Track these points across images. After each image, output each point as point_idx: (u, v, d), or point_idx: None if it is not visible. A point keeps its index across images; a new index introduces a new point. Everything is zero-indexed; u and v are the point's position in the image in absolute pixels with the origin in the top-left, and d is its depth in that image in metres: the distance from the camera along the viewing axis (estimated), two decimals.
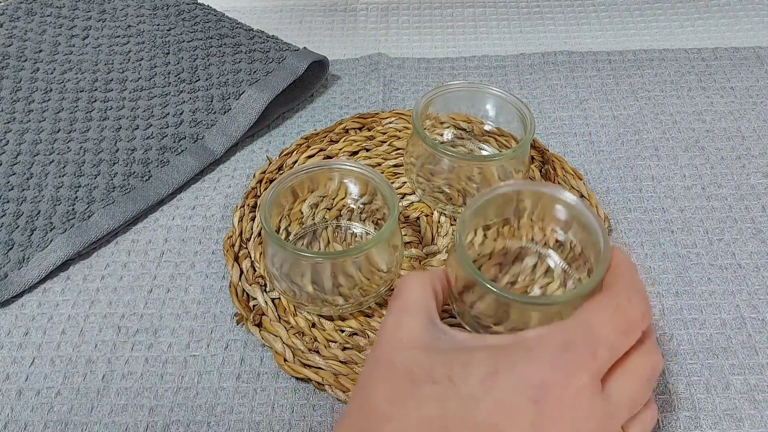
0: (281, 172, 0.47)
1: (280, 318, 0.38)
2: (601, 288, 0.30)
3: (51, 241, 0.42)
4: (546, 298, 0.34)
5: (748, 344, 0.37)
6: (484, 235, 0.42)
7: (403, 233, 0.42)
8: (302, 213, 0.42)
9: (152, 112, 0.51)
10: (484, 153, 0.47)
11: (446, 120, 0.47)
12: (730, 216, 0.44)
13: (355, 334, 0.38)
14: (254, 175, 0.47)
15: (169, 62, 0.54)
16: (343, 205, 0.42)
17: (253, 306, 0.39)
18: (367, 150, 0.49)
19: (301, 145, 0.49)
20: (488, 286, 0.31)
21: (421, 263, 0.41)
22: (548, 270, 0.40)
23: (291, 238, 0.42)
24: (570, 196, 0.34)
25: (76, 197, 0.45)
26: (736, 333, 0.37)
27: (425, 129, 0.45)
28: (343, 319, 0.38)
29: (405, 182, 0.46)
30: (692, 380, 0.36)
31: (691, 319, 0.38)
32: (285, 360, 0.36)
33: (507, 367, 0.26)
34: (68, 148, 0.48)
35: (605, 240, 0.31)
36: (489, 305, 0.34)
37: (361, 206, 0.42)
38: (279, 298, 0.39)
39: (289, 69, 0.52)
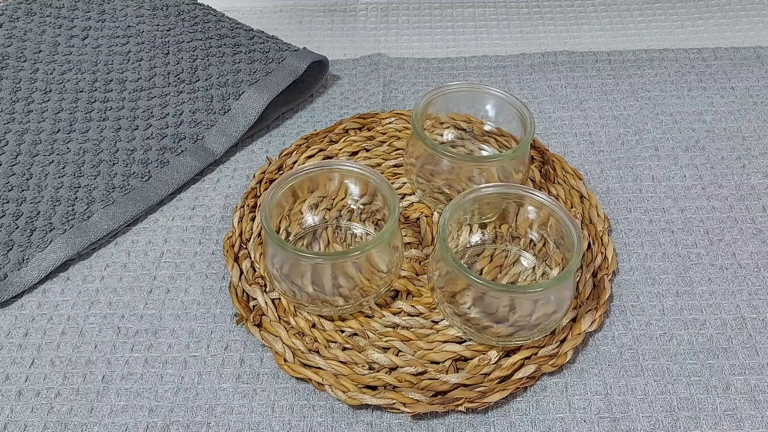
0: (281, 172, 0.47)
1: (280, 318, 0.38)
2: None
3: (51, 241, 0.42)
4: (521, 288, 0.35)
5: (749, 344, 0.37)
6: (482, 233, 0.42)
7: (403, 234, 0.42)
8: (302, 213, 0.42)
9: (152, 112, 0.51)
10: (484, 153, 0.46)
11: (446, 120, 0.47)
12: (730, 216, 0.44)
13: (355, 334, 0.37)
14: (254, 175, 0.47)
15: (169, 62, 0.54)
16: (343, 206, 0.42)
17: (253, 306, 0.39)
18: (367, 150, 0.49)
19: (300, 145, 0.49)
20: (471, 277, 0.33)
21: (421, 264, 0.41)
22: (545, 273, 0.40)
23: (291, 238, 0.42)
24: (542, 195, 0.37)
25: (76, 197, 0.45)
26: (736, 333, 0.37)
27: (425, 129, 0.45)
28: (343, 320, 0.38)
29: (405, 182, 0.46)
30: (692, 380, 0.36)
31: (691, 319, 0.38)
32: (285, 360, 0.36)
33: None
34: (68, 148, 0.48)
35: (578, 233, 0.35)
36: (475, 300, 0.35)
37: (361, 207, 0.42)
38: (279, 299, 0.39)
39: (288, 69, 0.52)
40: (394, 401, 0.34)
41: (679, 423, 0.34)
